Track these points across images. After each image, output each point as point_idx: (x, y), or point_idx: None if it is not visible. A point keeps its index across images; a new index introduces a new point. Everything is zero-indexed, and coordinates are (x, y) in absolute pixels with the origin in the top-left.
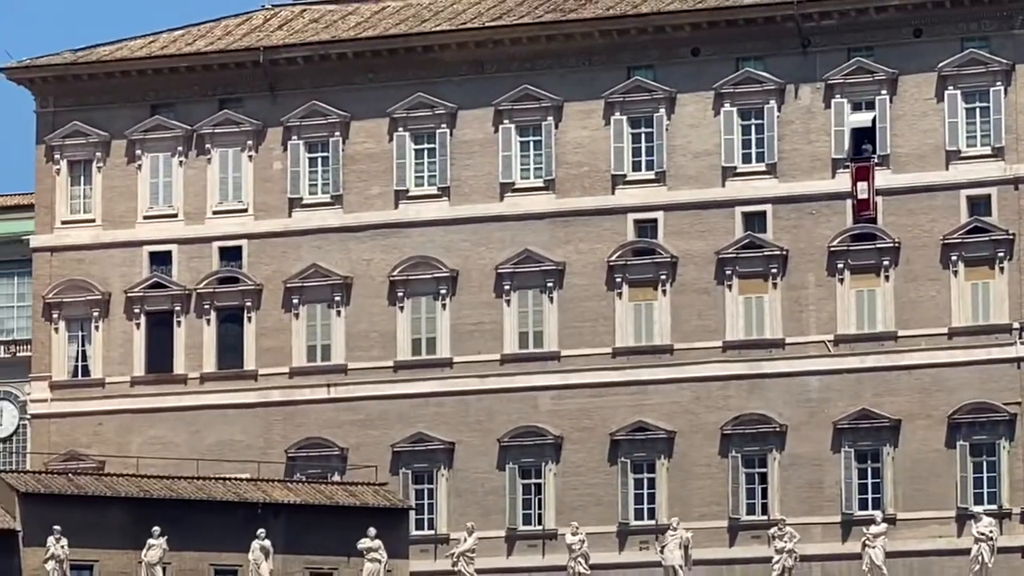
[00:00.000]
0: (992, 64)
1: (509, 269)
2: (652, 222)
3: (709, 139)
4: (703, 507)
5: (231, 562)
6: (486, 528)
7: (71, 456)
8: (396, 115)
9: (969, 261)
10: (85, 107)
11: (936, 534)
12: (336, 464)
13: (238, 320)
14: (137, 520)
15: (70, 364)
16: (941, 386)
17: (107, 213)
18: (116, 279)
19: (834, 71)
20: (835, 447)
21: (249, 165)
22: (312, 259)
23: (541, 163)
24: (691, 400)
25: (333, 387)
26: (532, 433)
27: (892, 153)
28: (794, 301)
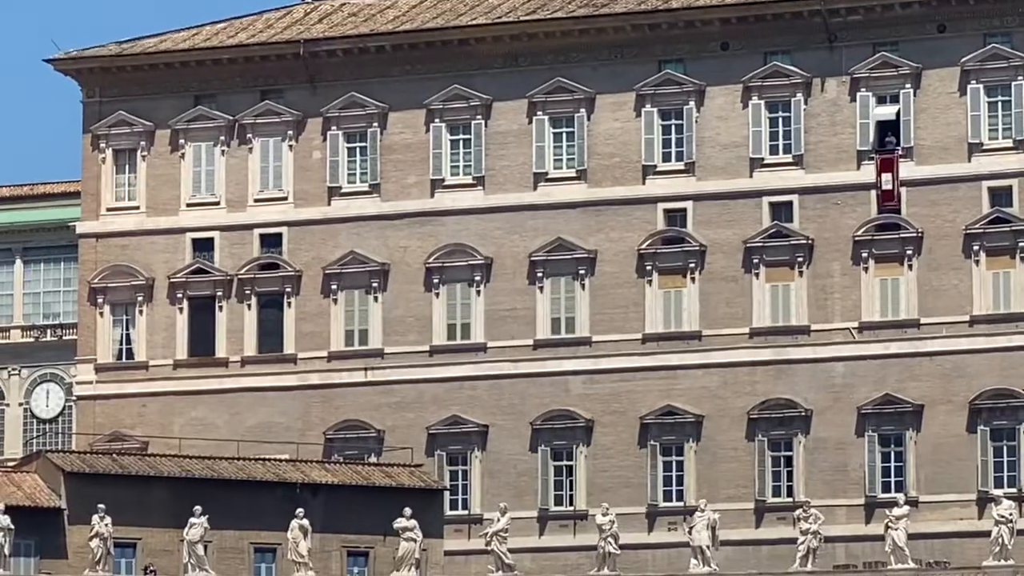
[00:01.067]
0: (1014, 59)
1: (542, 257)
2: (682, 211)
3: (737, 131)
4: (730, 489)
5: (270, 540)
6: (518, 508)
7: (115, 437)
8: (433, 106)
9: (990, 251)
10: (130, 97)
11: (957, 516)
12: (373, 446)
13: (278, 305)
14: (179, 499)
15: (115, 347)
16: (962, 372)
17: (151, 200)
18: (160, 265)
19: (859, 65)
20: (859, 431)
21: (289, 154)
22: (350, 246)
23: (574, 153)
24: (719, 385)
25: (370, 371)
26: (563, 416)
27: (916, 145)
28: (819, 289)
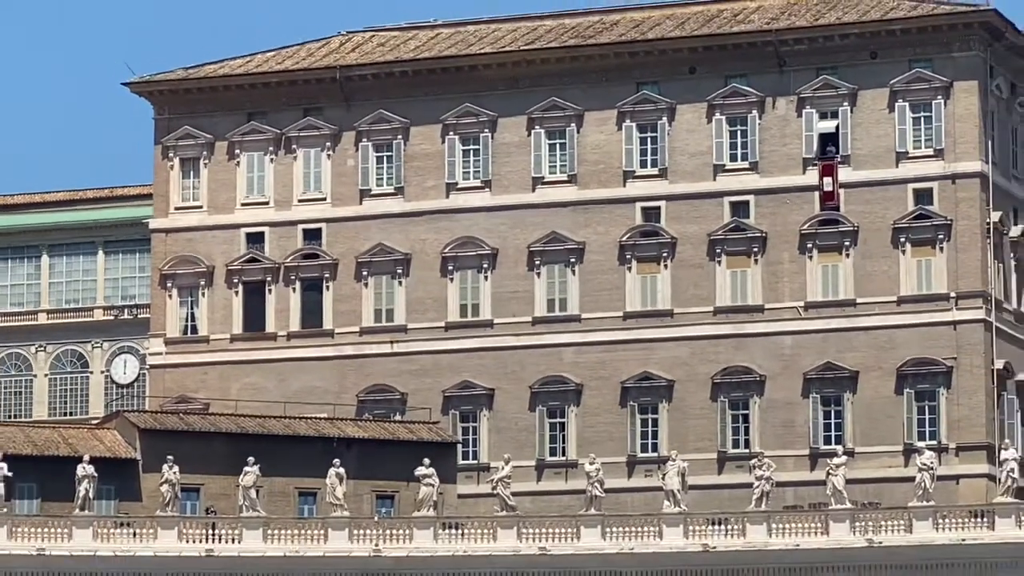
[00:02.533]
0: (934, 81)
1: (539, 247)
2: (656, 209)
3: (703, 142)
4: (697, 442)
5: (312, 486)
6: (519, 459)
7: (181, 399)
8: (447, 122)
9: (915, 242)
10: (194, 114)
11: (887, 465)
12: (397, 406)
13: (318, 288)
14: (235, 451)
15: (181, 324)
16: (891, 344)
17: (211, 201)
18: (218, 255)
19: (805, 86)
20: (804, 393)
21: (327, 162)
22: (379, 239)
23: (566, 161)
24: (687, 355)
25: (395, 343)
26: (557, 381)
27: (852, 153)
28: (771, 274)
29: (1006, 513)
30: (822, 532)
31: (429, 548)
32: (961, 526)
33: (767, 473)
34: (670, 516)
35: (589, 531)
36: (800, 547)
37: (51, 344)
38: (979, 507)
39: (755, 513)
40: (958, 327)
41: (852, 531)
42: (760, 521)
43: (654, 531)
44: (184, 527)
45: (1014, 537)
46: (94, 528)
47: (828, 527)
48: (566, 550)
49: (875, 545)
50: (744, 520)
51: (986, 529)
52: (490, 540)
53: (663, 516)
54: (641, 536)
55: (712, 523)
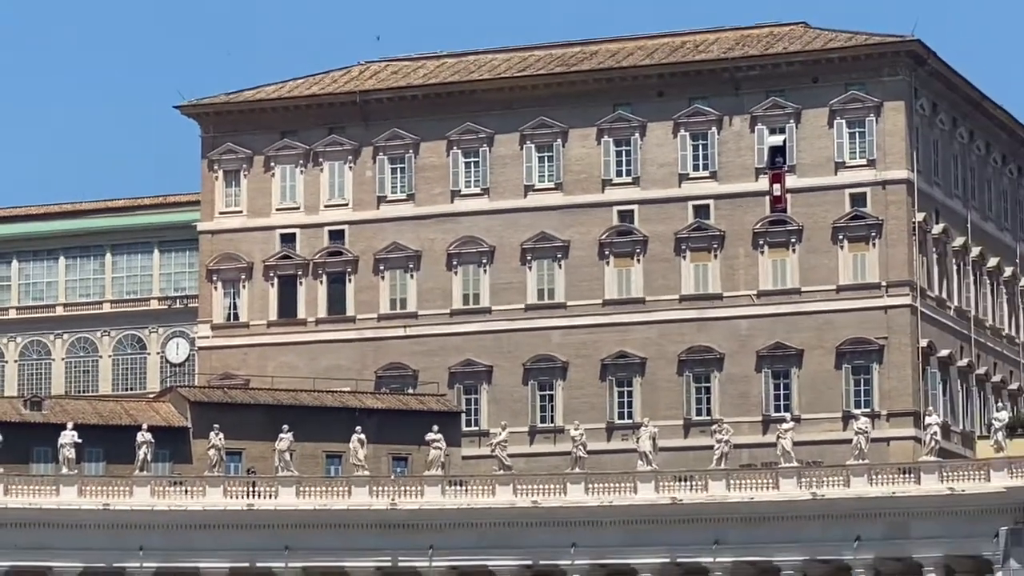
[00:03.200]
0: (867, 101)
1: (530, 245)
2: (630, 212)
3: (670, 154)
4: (666, 410)
5: (337, 449)
6: (515, 425)
7: (225, 376)
8: (452, 138)
9: (851, 239)
10: (235, 132)
11: (828, 429)
12: (410, 381)
13: (342, 281)
14: (272, 420)
15: (225, 312)
16: (831, 326)
17: (250, 206)
18: (257, 253)
19: (756, 106)
20: (758, 368)
21: (349, 173)
22: (393, 239)
23: (553, 171)
24: (657, 336)
25: (408, 327)
26: (546, 359)
27: (797, 163)
28: (729, 267)
29: (930, 470)
30: (773, 487)
31: (438, 502)
32: (891, 481)
33: (726, 437)
34: (643, 474)
35: (574, 487)
36: (754, 500)
37: (114, 330)
38: (907, 465)
39: (716, 471)
40: (888, 311)
41: (799, 486)
42: (720, 478)
43: (630, 487)
44: (228, 485)
45: (936, 490)
46: (152, 486)
47: (778, 483)
48: (554, 503)
49: (818, 498)
50: (707, 477)
51: (913, 483)
52: (490, 495)
53: (637, 474)
54: (618, 491)
55: (679, 480)
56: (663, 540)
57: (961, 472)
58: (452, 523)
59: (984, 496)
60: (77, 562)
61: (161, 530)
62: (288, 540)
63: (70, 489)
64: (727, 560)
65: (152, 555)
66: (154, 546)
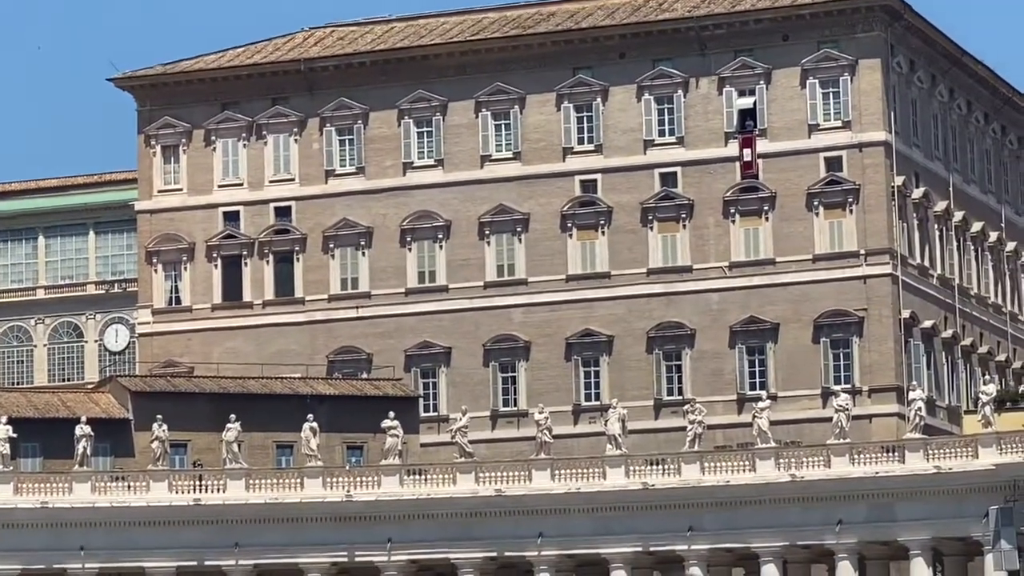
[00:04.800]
0: (841, 60)
1: (488, 218)
2: (593, 182)
3: (634, 120)
4: (635, 391)
5: (288, 439)
6: (476, 410)
7: (168, 364)
8: (403, 107)
9: (827, 205)
10: (173, 105)
11: (807, 407)
12: (364, 365)
13: (289, 260)
14: (218, 410)
15: (166, 296)
16: (808, 298)
17: (191, 184)
18: (199, 232)
19: (724, 67)
20: (731, 344)
21: (295, 146)
22: (343, 215)
23: (510, 140)
24: (624, 312)
25: (360, 308)
26: (508, 339)
27: (769, 127)
28: (698, 237)
29: (915, 448)
30: (749, 469)
31: (395, 492)
32: (874, 460)
33: (699, 417)
34: (612, 458)
35: (540, 473)
36: (730, 483)
37: (49, 317)
38: (890, 443)
39: (689, 453)
40: (868, 281)
41: (776, 467)
42: (693, 460)
43: (598, 472)
44: (173, 479)
45: (922, 469)
46: (92, 482)
47: (755, 464)
48: (519, 491)
49: (797, 480)
50: (679, 460)
51: (897, 463)
52: (451, 484)
53: (606, 458)
54: (587, 477)
55: (650, 463)
56: (635, 528)
57: (948, 449)
58: (411, 514)
59: (972, 474)
60: (15, 564)
61: (103, 528)
62: (238, 536)
63: (5, 487)
64: (703, 547)
65: (94, 555)
66: (96, 545)
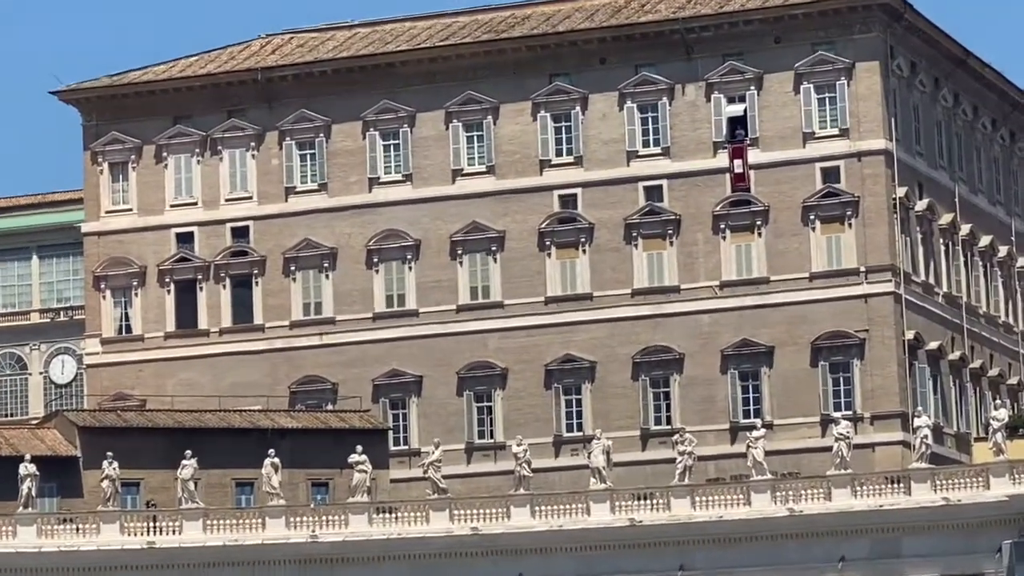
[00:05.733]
0: (837, 63)
1: (460, 237)
2: (573, 196)
3: (615, 129)
4: (620, 420)
5: (248, 476)
6: (449, 442)
7: (119, 397)
8: (368, 118)
9: (824, 219)
10: (121, 120)
11: (805, 436)
12: (329, 396)
13: (247, 284)
14: (173, 445)
15: (116, 324)
16: (805, 319)
17: (141, 203)
18: (150, 255)
19: (712, 72)
20: (723, 369)
21: (252, 162)
22: (305, 235)
23: (483, 152)
24: (608, 336)
25: (324, 335)
26: (483, 366)
27: (760, 135)
28: (687, 255)
29: (921, 478)
30: (744, 503)
31: (364, 532)
32: (878, 492)
33: (689, 448)
34: (597, 493)
35: (519, 510)
36: (724, 518)
37: None
38: (895, 473)
39: (679, 487)
40: (869, 300)
41: (773, 501)
42: (684, 495)
43: (582, 508)
44: (126, 521)
45: (929, 501)
46: (38, 525)
47: (750, 498)
48: (497, 529)
49: (796, 514)
50: (668, 494)
51: (903, 494)
52: (423, 523)
53: (590, 493)
54: (569, 513)
55: (637, 498)
56: (621, 568)
57: (957, 480)
58: (381, 555)
59: (983, 506)
60: None
61: (51, 574)
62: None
63: None
64: None
65: None
66: None
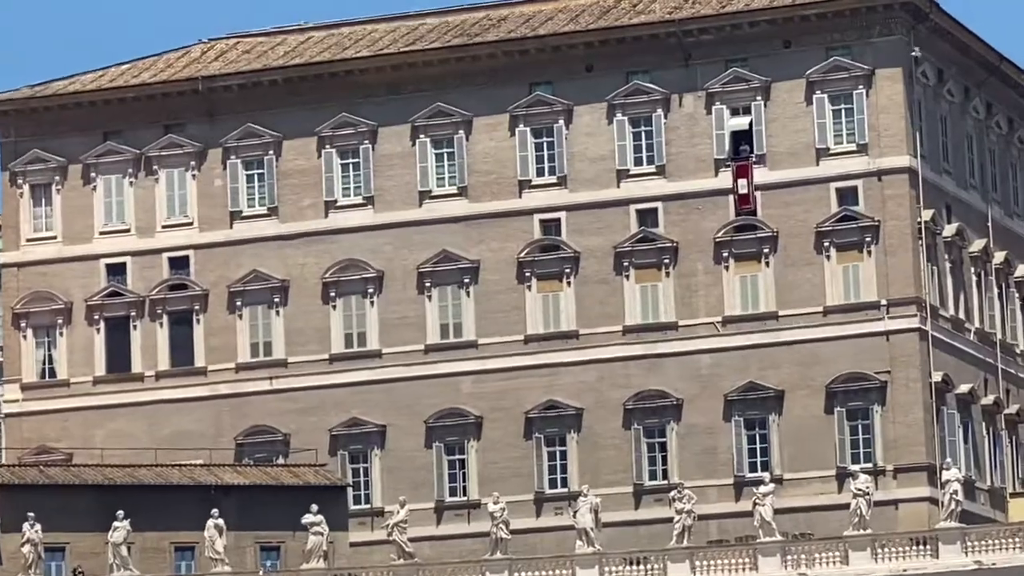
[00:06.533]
0: (854, 70)
1: (429, 268)
2: (556, 221)
3: (604, 145)
4: (610, 475)
5: (189, 540)
6: (416, 501)
7: (42, 450)
8: (323, 134)
9: (840, 246)
10: (44, 136)
11: (819, 491)
12: (280, 448)
13: (188, 322)
14: (103, 505)
15: (38, 367)
16: (818, 359)
17: (67, 230)
18: (77, 289)
19: (713, 80)
20: (726, 417)
21: (193, 183)
22: (252, 265)
23: (454, 172)
24: (596, 379)
25: (275, 379)
26: (455, 414)
27: (768, 152)
28: (685, 287)
29: (950, 539)
30: (751, 568)
31: None
32: (902, 555)
33: (688, 506)
34: (584, 557)
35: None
36: None
37: None
38: (921, 534)
39: (677, 550)
40: (891, 338)
41: (784, 565)
42: (682, 559)
43: (567, 573)
44: None
45: (959, 565)
46: None
47: (757, 562)
48: None
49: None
50: (665, 558)
51: (929, 557)
52: None
53: (576, 557)
54: None
55: (630, 563)
56: None
57: (990, 541)
58: None
59: (1020, 570)
60: None
61: None
62: None
63: None
64: None
65: None
66: None
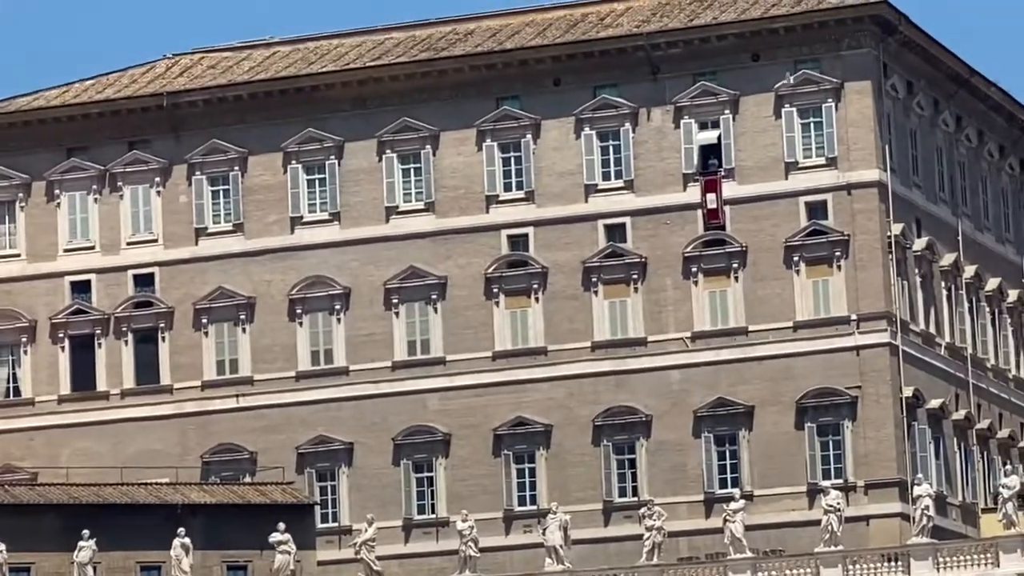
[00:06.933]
0: (823, 83)
1: (396, 284)
2: (523, 237)
3: (572, 160)
4: (579, 492)
5: (155, 559)
6: (385, 519)
7: (6, 469)
8: (289, 149)
9: (809, 261)
10: (6, 152)
11: (789, 508)
12: (247, 466)
13: (153, 340)
14: (68, 525)
15: (2, 386)
16: (789, 374)
17: (30, 248)
18: (41, 307)
19: (681, 94)
20: (696, 433)
21: (158, 199)
22: (218, 282)
23: (422, 187)
24: (565, 396)
25: (241, 397)
26: (423, 431)
27: (737, 166)
28: (654, 303)
29: (922, 555)
30: None
31: None
32: (874, 571)
33: (658, 523)
34: (553, 575)
35: None
36: None
37: None
38: (892, 550)
39: (647, 567)
40: (861, 353)
41: None
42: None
43: None
44: None
45: None
46: None
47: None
48: None
49: None
50: (635, 575)
51: (901, 573)
52: None
53: (545, 575)
54: None
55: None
56: None
57: (962, 556)
58: None
59: None
60: None
61: None
62: None
63: None
64: None
65: None
66: None
